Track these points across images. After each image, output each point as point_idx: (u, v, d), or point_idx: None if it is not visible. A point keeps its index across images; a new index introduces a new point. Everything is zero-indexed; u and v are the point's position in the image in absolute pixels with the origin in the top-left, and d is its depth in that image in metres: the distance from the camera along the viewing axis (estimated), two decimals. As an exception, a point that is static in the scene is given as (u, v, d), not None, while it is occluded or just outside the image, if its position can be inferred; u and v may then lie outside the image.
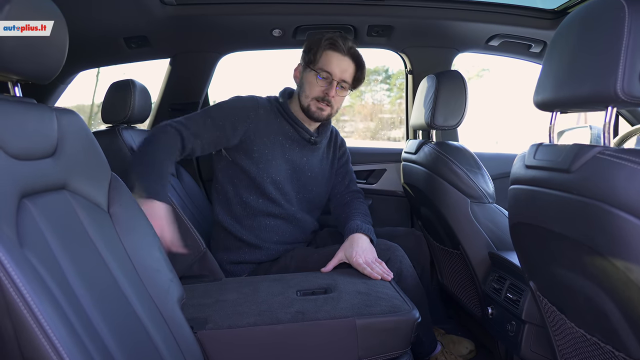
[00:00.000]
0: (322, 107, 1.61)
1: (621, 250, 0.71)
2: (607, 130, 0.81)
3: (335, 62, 1.59)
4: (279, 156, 1.63)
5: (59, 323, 0.63)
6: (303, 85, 1.63)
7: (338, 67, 1.59)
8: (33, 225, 0.74)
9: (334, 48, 1.59)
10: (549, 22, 2.06)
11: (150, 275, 1.01)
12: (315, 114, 1.62)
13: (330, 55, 1.59)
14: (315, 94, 1.60)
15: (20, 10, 0.77)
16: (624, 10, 0.72)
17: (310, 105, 1.62)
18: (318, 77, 1.59)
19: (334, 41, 1.59)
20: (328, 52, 1.59)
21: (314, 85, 1.60)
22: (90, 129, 1.01)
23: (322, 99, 1.60)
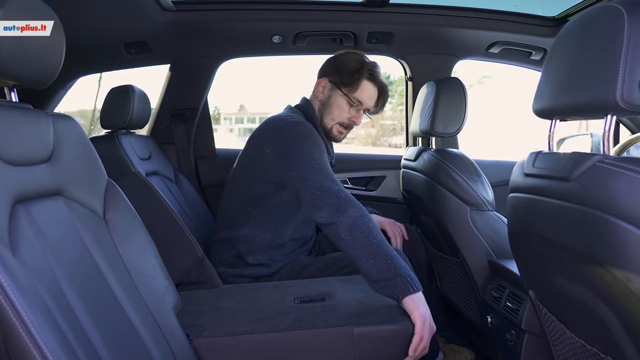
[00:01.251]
0: (343, 131, 1.63)
1: (620, 260, 0.70)
2: (606, 139, 0.80)
3: (368, 93, 1.60)
4: None
5: (50, 332, 0.62)
6: (331, 106, 1.61)
7: (369, 97, 1.61)
8: (26, 232, 0.74)
9: (372, 79, 1.59)
10: (549, 30, 2.06)
11: (145, 282, 1.01)
12: (336, 137, 1.64)
13: (368, 86, 1.59)
14: (342, 119, 1.61)
15: (15, 14, 0.76)
16: (623, 18, 0.71)
17: (333, 128, 1.62)
18: (351, 104, 1.59)
19: (374, 73, 1.59)
20: (367, 82, 1.59)
21: (344, 111, 1.60)
22: (91, 134, 1.01)
23: (347, 126, 1.62)
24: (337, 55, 1.65)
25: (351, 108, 1.59)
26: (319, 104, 1.63)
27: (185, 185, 2.07)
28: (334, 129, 1.62)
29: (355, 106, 1.59)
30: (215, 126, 2.45)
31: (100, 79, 3.56)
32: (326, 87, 1.62)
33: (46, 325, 0.61)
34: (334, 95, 1.60)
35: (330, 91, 1.61)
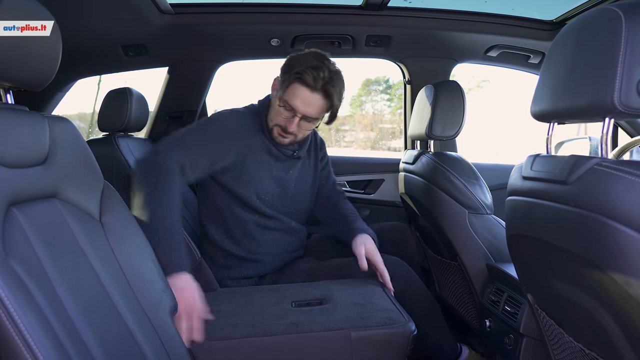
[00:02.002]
0: (284, 135, 1.51)
1: (619, 263, 0.70)
2: (604, 142, 0.80)
3: (301, 98, 1.44)
4: (266, 176, 1.56)
5: (44, 335, 0.61)
6: (272, 106, 1.52)
7: (303, 103, 1.45)
8: (20, 234, 0.73)
9: (302, 82, 1.43)
10: (547, 33, 2.07)
11: (142, 285, 1.00)
12: (277, 139, 1.53)
13: (298, 89, 1.44)
14: (277, 121, 1.50)
15: (10, 14, 0.76)
16: (621, 21, 0.71)
17: (273, 130, 1.53)
18: (285, 108, 1.47)
19: (303, 76, 1.42)
20: (296, 85, 1.44)
21: (278, 114, 1.49)
22: (90, 136, 1.01)
23: (284, 130, 1.50)
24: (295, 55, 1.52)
25: (285, 111, 1.47)
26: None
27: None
28: (274, 130, 1.52)
29: (289, 110, 1.47)
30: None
31: (99, 81, 3.57)
32: (276, 84, 1.53)
33: (40, 329, 0.61)
34: (274, 96, 1.51)
35: (274, 91, 1.52)
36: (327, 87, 1.44)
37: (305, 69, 1.42)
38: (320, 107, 1.47)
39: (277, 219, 1.60)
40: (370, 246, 1.49)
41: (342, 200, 1.75)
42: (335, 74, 1.46)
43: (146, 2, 1.71)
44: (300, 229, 1.69)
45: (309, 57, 1.46)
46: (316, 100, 1.45)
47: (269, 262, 1.59)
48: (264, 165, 1.55)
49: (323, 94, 1.45)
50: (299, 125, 1.49)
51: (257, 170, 1.53)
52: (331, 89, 1.44)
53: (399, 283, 1.45)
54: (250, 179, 1.52)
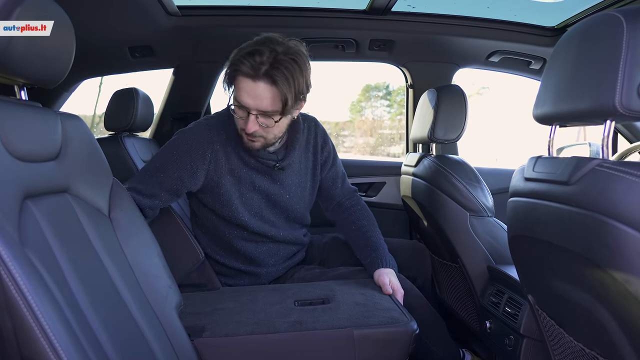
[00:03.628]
0: (252, 139, 1.35)
1: (619, 263, 0.71)
2: (605, 144, 0.82)
3: (246, 91, 1.26)
4: (248, 190, 1.44)
5: (59, 323, 0.63)
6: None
7: (250, 97, 1.26)
8: (35, 227, 0.75)
9: (241, 73, 1.25)
10: (549, 39, 2.09)
11: (148, 280, 1.02)
12: (248, 145, 1.37)
13: (240, 82, 1.26)
14: (240, 125, 1.34)
15: (28, 15, 0.78)
16: (622, 26, 0.73)
17: (242, 137, 1.37)
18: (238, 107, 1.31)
19: (239, 66, 1.24)
20: (237, 78, 1.27)
21: (236, 118, 1.33)
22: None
23: (250, 133, 1.32)
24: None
25: (240, 111, 1.31)
26: None
27: None
28: (243, 137, 1.36)
29: (242, 109, 1.30)
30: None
31: (100, 84, 3.59)
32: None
33: (55, 317, 0.62)
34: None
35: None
36: (271, 72, 1.23)
37: (240, 57, 1.24)
38: (271, 98, 1.26)
39: (270, 232, 1.50)
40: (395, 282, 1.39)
41: (357, 208, 1.63)
42: (282, 55, 1.25)
43: (154, 4, 1.73)
44: (298, 236, 1.60)
45: (250, 44, 1.28)
46: (263, 90, 1.25)
47: (264, 274, 1.55)
48: (242, 180, 1.43)
49: (268, 80, 1.24)
50: (261, 124, 1.31)
51: (234, 187, 1.42)
52: (275, 72, 1.23)
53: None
54: (230, 198, 1.42)
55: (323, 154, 1.59)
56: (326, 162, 1.61)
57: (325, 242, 1.74)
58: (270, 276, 1.57)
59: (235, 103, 1.31)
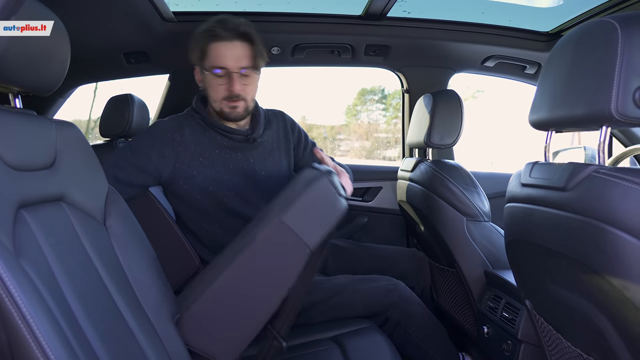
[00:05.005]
0: (234, 104, 1.45)
1: (617, 268, 0.72)
2: (602, 150, 0.82)
3: (224, 54, 1.41)
4: (223, 171, 1.48)
5: (54, 335, 0.62)
6: (207, 89, 1.47)
7: (231, 57, 1.41)
8: (30, 236, 0.74)
9: (217, 39, 1.40)
10: (544, 44, 2.10)
11: (144, 289, 1.01)
12: (231, 114, 1.46)
13: (217, 47, 1.41)
14: (221, 95, 1.44)
15: (20, 17, 0.77)
16: (617, 32, 0.73)
17: (222, 108, 1.46)
18: (217, 75, 1.42)
19: (214, 31, 1.40)
20: (213, 44, 1.41)
21: (215, 86, 1.44)
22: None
23: (230, 97, 1.44)
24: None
25: (219, 79, 1.43)
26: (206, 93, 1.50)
27: None
28: (223, 107, 1.45)
29: (222, 75, 1.42)
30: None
31: (95, 89, 3.57)
32: (197, 74, 1.50)
33: (51, 329, 0.62)
34: (204, 78, 1.46)
35: (201, 76, 1.48)
36: (242, 30, 1.42)
37: (212, 27, 1.41)
38: (247, 55, 1.43)
39: (253, 212, 1.47)
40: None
41: None
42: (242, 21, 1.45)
43: (149, 10, 1.73)
44: None
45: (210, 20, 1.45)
46: (239, 48, 1.42)
47: None
48: (216, 161, 1.47)
49: (241, 38, 1.42)
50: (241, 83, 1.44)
51: (209, 168, 1.46)
52: (249, 30, 1.43)
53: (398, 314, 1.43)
54: (206, 179, 1.45)
55: (294, 135, 1.67)
56: (299, 143, 1.67)
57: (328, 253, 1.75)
58: None
59: (214, 68, 1.42)
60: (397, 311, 1.45)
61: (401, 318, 1.45)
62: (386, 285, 1.50)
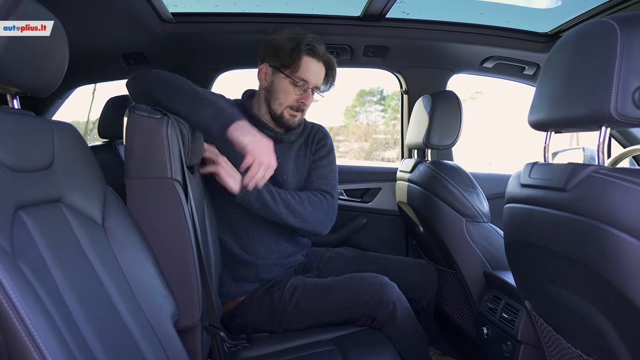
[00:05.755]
0: (296, 114, 1.54)
1: (616, 268, 0.71)
2: (601, 150, 0.82)
3: (313, 70, 1.51)
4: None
5: (51, 336, 0.62)
6: (276, 91, 1.52)
7: (315, 75, 1.52)
8: (27, 238, 0.74)
9: (312, 54, 1.50)
10: (542, 45, 2.10)
11: (143, 290, 1.00)
12: (289, 121, 1.55)
13: (309, 62, 1.50)
14: (290, 102, 1.52)
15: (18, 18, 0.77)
16: (616, 33, 0.73)
17: (283, 113, 1.53)
18: (295, 85, 1.50)
19: (313, 47, 1.49)
20: (308, 58, 1.50)
21: (290, 93, 1.51)
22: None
23: (298, 108, 1.53)
24: (273, 37, 1.54)
25: (296, 89, 1.51)
26: (264, 91, 1.56)
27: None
28: (284, 113, 1.53)
29: (300, 86, 1.51)
30: (211, 138, 2.45)
31: (94, 90, 3.57)
32: (267, 72, 1.54)
33: (48, 330, 0.61)
34: (276, 80, 1.52)
35: (272, 76, 1.53)
36: (329, 57, 1.54)
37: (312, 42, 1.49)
38: (323, 77, 1.55)
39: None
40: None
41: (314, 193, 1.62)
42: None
43: (148, 11, 1.72)
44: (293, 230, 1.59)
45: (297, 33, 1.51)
46: (321, 69, 1.53)
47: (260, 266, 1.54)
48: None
49: (326, 62, 1.54)
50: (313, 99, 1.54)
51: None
52: (331, 57, 1.55)
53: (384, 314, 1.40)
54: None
55: (318, 146, 1.67)
56: (317, 153, 1.66)
57: (329, 256, 1.73)
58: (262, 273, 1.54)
59: (297, 80, 1.50)
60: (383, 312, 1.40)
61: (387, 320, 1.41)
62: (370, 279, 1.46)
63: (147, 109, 1.11)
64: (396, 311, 1.39)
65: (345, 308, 1.43)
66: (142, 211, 1.10)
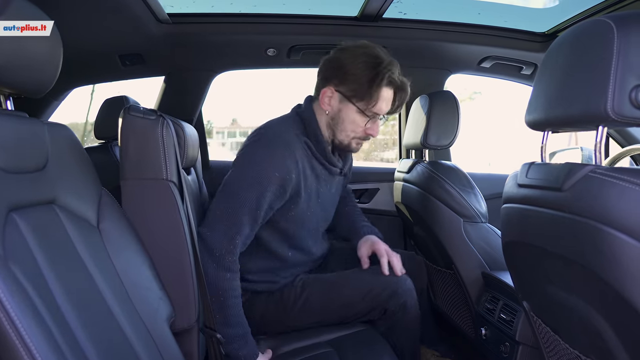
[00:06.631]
0: (361, 142, 1.43)
1: (613, 268, 0.71)
2: (598, 150, 0.81)
3: (387, 100, 1.36)
4: (314, 204, 1.42)
5: (43, 340, 0.61)
6: (343, 122, 1.37)
7: (387, 103, 1.38)
8: (20, 240, 0.73)
9: (391, 85, 1.35)
10: (540, 45, 2.10)
11: (139, 292, 1.00)
12: (355, 150, 1.44)
13: (386, 92, 1.35)
14: (358, 134, 1.39)
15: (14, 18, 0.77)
16: (613, 32, 0.73)
17: (350, 144, 1.41)
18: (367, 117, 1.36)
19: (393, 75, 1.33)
20: (385, 89, 1.34)
21: (359, 126, 1.37)
22: (84, 146, 1.01)
23: (366, 138, 1.42)
24: (341, 58, 1.35)
25: (369, 121, 1.37)
26: (327, 117, 1.39)
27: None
28: (352, 143, 1.41)
29: (372, 118, 1.37)
30: (208, 140, 2.46)
31: (92, 91, 3.57)
32: (333, 98, 1.36)
33: (40, 333, 0.61)
34: (345, 109, 1.36)
35: (340, 104, 1.36)
36: (404, 82, 1.38)
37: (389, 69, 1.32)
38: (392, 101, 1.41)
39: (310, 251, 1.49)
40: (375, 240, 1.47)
41: (349, 196, 1.71)
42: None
43: (144, 12, 1.72)
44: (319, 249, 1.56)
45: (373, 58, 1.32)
46: (392, 95, 1.39)
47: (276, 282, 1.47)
48: (312, 194, 1.40)
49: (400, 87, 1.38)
50: None
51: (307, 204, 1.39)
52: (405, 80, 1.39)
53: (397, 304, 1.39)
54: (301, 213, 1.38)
55: (349, 163, 1.63)
56: (350, 171, 1.65)
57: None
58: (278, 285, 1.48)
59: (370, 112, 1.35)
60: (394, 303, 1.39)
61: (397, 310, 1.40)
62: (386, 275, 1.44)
63: (142, 110, 1.11)
64: (407, 302, 1.39)
65: (357, 301, 1.40)
66: (138, 212, 1.09)
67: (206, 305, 1.17)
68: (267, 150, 1.30)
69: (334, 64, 1.36)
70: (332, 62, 1.37)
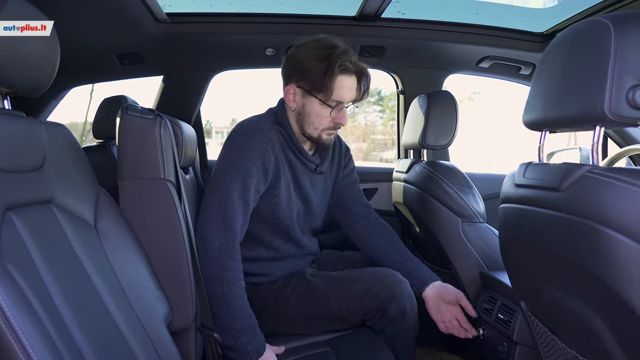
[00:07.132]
0: (332, 132, 1.45)
1: (610, 268, 0.71)
2: (595, 150, 0.81)
3: (347, 87, 1.38)
4: (296, 195, 1.46)
5: (40, 340, 0.61)
6: (309, 116, 1.40)
7: (349, 90, 1.39)
8: (17, 239, 0.73)
9: (345, 72, 1.36)
10: (538, 45, 2.10)
11: (136, 291, 1.00)
12: (327, 141, 1.46)
13: (343, 80, 1.36)
14: (326, 125, 1.41)
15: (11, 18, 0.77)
16: (610, 32, 0.73)
17: (321, 136, 1.43)
18: (331, 107, 1.38)
19: (345, 63, 1.34)
20: (340, 77, 1.35)
21: (325, 117, 1.40)
22: (83, 145, 1.01)
23: (335, 128, 1.44)
24: (297, 54, 1.39)
25: (333, 111, 1.39)
26: (294, 113, 1.43)
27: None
28: (322, 135, 1.43)
29: (336, 107, 1.39)
30: (207, 139, 2.46)
31: (91, 91, 3.56)
32: (297, 94, 1.41)
33: (35, 331, 0.61)
34: (308, 103, 1.39)
35: (303, 99, 1.40)
36: (361, 67, 1.39)
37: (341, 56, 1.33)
38: (357, 89, 1.42)
39: (299, 243, 1.51)
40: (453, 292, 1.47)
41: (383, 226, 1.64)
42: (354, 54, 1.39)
43: (143, 12, 1.72)
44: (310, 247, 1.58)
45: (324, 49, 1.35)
46: (354, 83, 1.40)
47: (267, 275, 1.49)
48: (290, 184, 1.44)
49: (359, 73, 1.40)
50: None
51: (286, 191, 1.43)
52: (362, 65, 1.40)
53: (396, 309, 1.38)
54: (281, 200, 1.42)
55: (346, 159, 1.65)
56: (346, 168, 1.65)
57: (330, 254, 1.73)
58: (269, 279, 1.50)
59: (331, 103, 1.38)
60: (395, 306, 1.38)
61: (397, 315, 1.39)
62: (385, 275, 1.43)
63: (140, 109, 1.11)
64: (406, 307, 1.38)
65: (356, 299, 1.38)
66: (135, 212, 1.09)
67: (204, 304, 1.17)
68: (245, 137, 1.37)
69: (292, 61, 1.41)
70: (291, 59, 1.42)
